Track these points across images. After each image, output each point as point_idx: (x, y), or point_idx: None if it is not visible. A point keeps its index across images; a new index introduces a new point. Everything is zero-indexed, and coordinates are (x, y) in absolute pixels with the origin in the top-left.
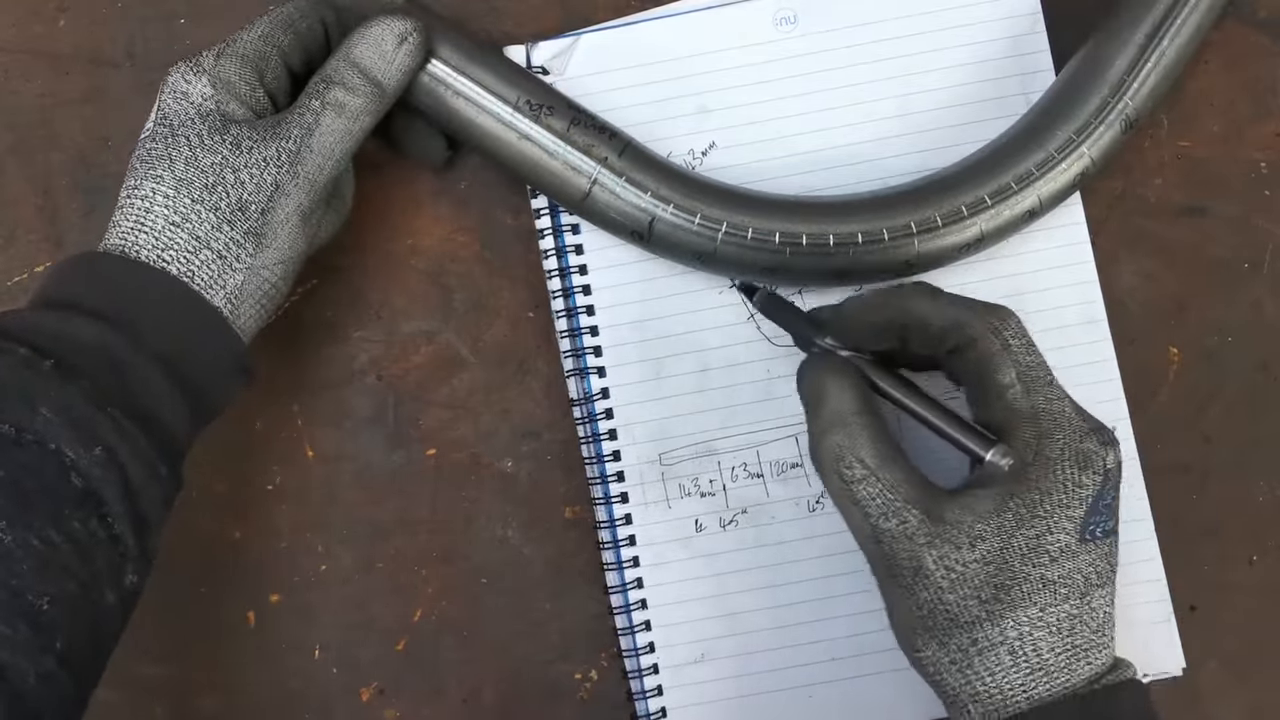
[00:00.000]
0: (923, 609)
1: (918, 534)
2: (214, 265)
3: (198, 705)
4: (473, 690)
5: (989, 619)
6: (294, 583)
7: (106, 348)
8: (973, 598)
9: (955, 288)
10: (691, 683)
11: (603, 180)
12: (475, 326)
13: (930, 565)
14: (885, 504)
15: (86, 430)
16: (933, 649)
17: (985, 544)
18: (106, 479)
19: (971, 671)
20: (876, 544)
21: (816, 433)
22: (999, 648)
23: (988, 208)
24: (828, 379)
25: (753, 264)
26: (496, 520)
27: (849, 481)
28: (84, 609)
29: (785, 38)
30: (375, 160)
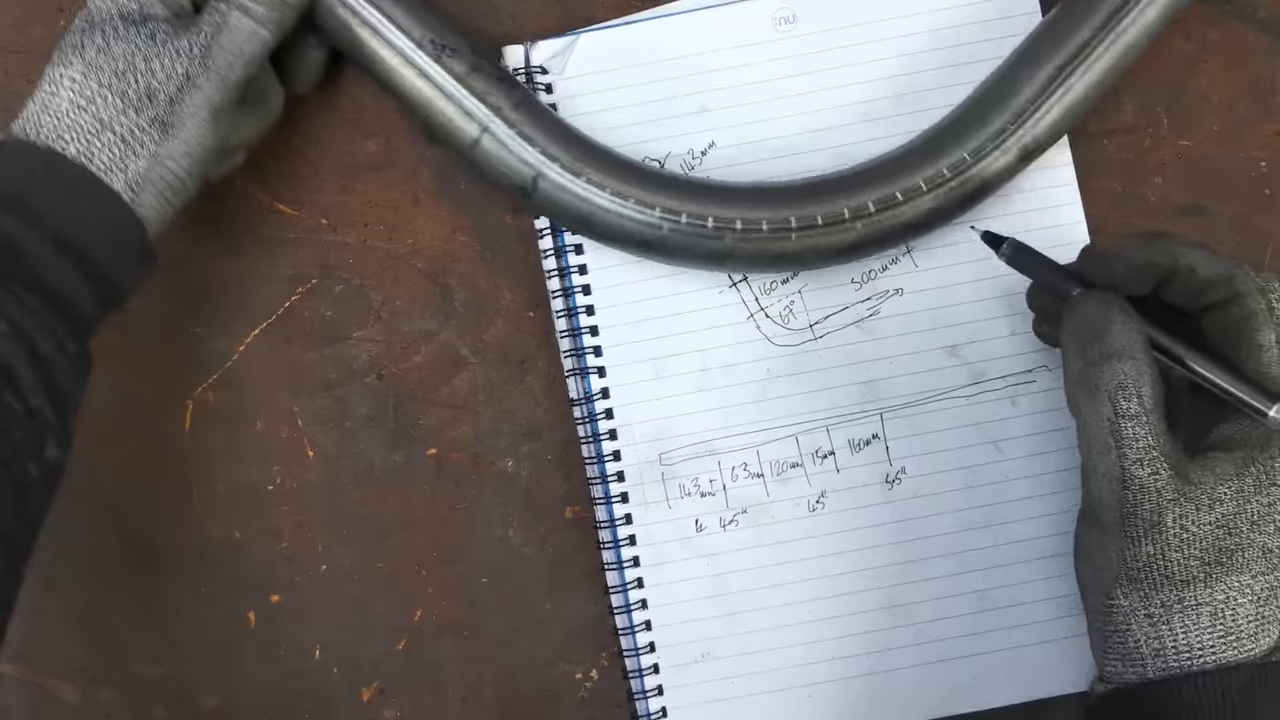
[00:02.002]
0: (1140, 561)
1: (1166, 489)
2: (116, 148)
3: (198, 705)
4: (473, 690)
5: (1204, 580)
6: (294, 583)
7: (4, 230)
8: (1195, 559)
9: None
10: (691, 683)
11: (494, 130)
12: (475, 326)
13: (1169, 522)
14: (1144, 450)
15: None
16: (1132, 600)
17: (1221, 507)
18: (15, 351)
19: (1165, 627)
20: (1120, 488)
21: (1096, 358)
22: (1202, 608)
23: (869, 215)
24: (1114, 312)
25: (632, 235)
26: (496, 520)
27: (1121, 415)
28: (7, 482)
29: (784, 37)
30: (376, 161)
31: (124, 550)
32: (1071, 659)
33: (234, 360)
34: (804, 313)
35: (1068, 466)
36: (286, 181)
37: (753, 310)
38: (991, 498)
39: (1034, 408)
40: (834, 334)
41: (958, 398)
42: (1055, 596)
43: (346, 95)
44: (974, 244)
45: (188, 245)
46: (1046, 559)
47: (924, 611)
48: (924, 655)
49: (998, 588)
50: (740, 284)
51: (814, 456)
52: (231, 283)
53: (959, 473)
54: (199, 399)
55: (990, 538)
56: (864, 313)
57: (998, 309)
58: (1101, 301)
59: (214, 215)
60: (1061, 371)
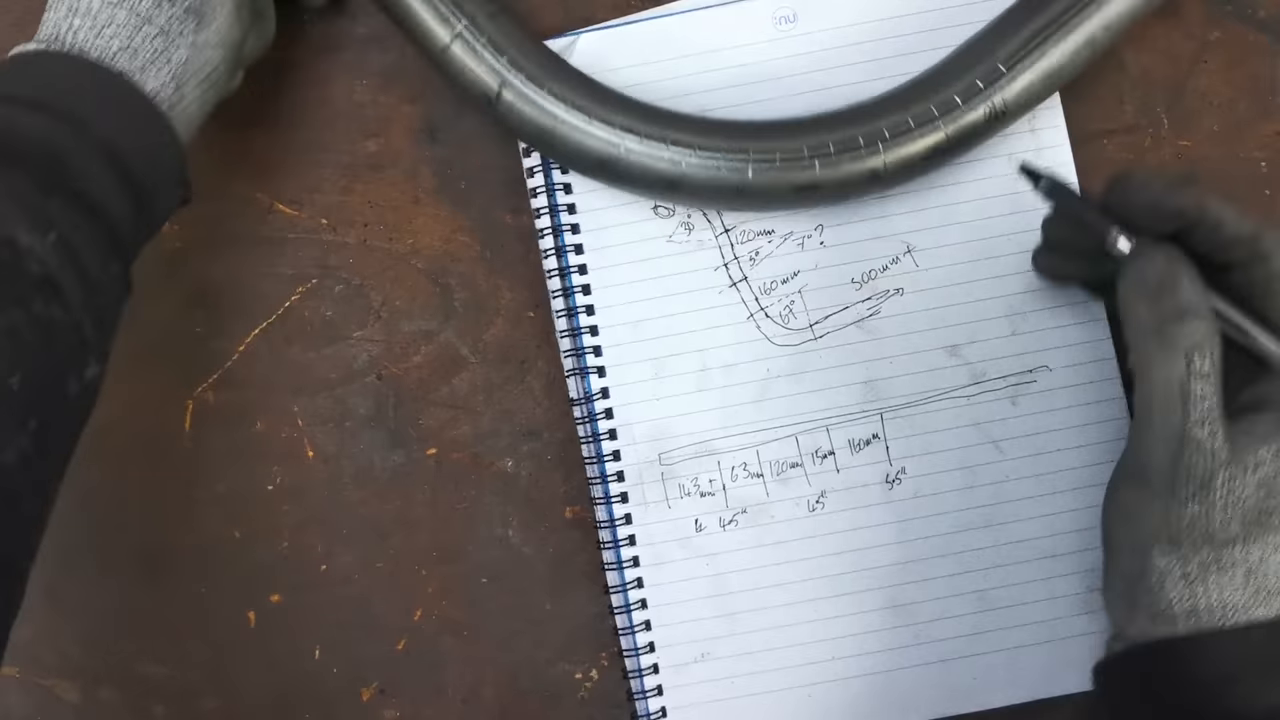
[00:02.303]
0: (1184, 522)
1: (1220, 451)
2: (158, 41)
3: (198, 705)
4: (473, 690)
5: (1243, 541)
6: (294, 583)
7: (49, 139)
8: (1237, 520)
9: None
10: (691, 683)
11: (466, 36)
12: (475, 326)
13: (1218, 484)
14: (1208, 411)
15: (39, 216)
16: (1170, 561)
17: (1264, 469)
18: (62, 264)
19: (1200, 586)
20: (1179, 448)
21: (1171, 314)
22: (1238, 568)
23: (829, 154)
24: (1183, 268)
25: (591, 153)
26: (496, 520)
27: (1194, 374)
28: (52, 393)
29: (785, 36)
30: (376, 161)
31: (124, 550)
32: (1071, 659)
33: (234, 360)
34: (804, 312)
35: (1068, 466)
36: (286, 181)
37: (753, 310)
38: (992, 498)
39: (1034, 408)
40: (834, 334)
41: (958, 398)
42: (1055, 596)
43: (346, 95)
44: (972, 244)
45: (188, 245)
46: (1047, 559)
47: (924, 611)
48: (924, 655)
49: (998, 588)
50: (740, 284)
51: (814, 456)
52: (231, 283)
53: (959, 473)
54: (199, 399)
55: (990, 538)
56: (864, 312)
57: (998, 309)
58: (1169, 257)
59: (214, 215)
60: (1063, 375)
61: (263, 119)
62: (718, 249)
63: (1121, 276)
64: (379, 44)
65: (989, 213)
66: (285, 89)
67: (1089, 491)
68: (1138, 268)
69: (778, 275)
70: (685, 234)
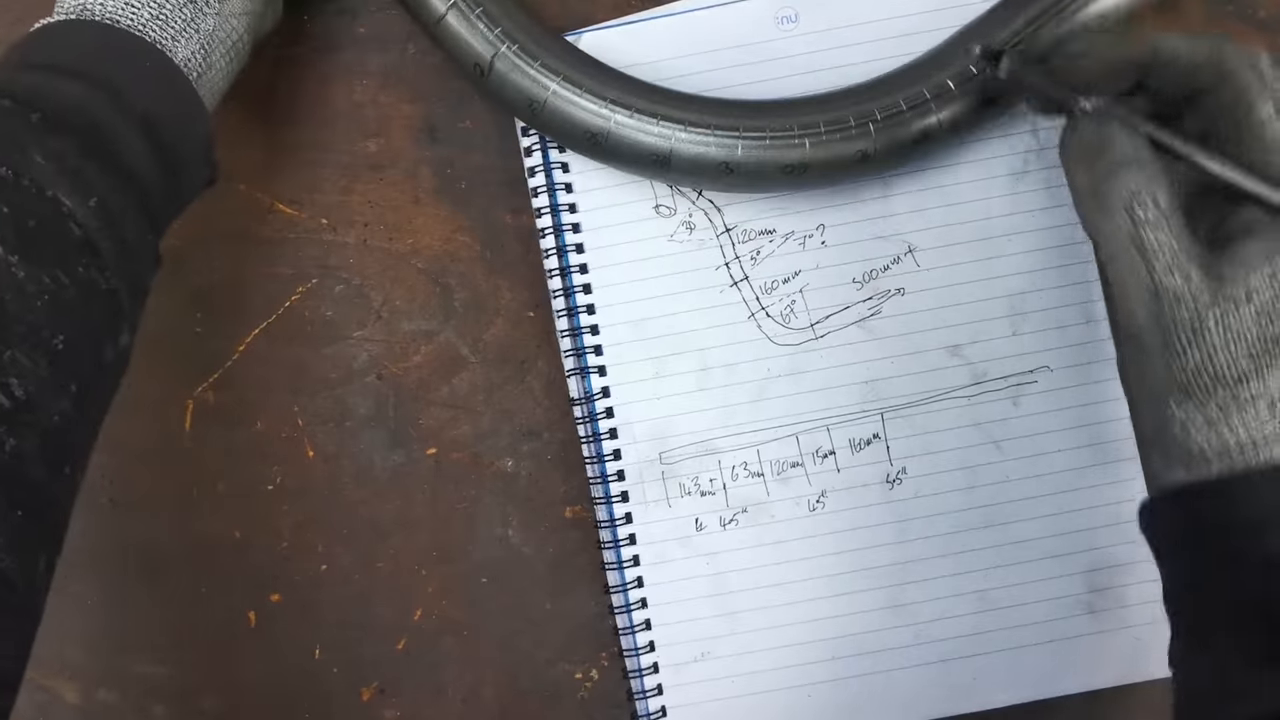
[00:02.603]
0: (1188, 370)
1: (1201, 292)
2: (187, 9)
3: (198, 705)
4: (473, 690)
5: (1255, 374)
6: (294, 583)
7: (90, 107)
8: (1244, 354)
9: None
10: (691, 682)
11: (460, 6)
12: (475, 326)
13: (1211, 325)
14: (1172, 255)
15: (81, 180)
16: (1187, 409)
17: (1259, 297)
18: (102, 230)
19: (1225, 427)
20: (1156, 303)
21: (1104, 173)
22: (1259, 401)
23: (819, 134)
24: (1114, 127)
25: (580, 128)
26: (496, 520)
27: (1140, 224)
28: (91, 357)
29: (786, 36)
30: (376, 161)
31: (124, 550)
32: (1071, 659)
33: (234, 360)
34: (805, 312)
35: (1068, 467)
36: (286, 181)
37: (753, 309)
38: (992, 498)
39: (1036, 408)
40: (835, 333)
41: (959, 398)
42: (1056, 596)
43: (346, 95)
44: (974, 244)
45: (188, 245)
46: (1047, 559)
47: (924, 611)
48: (924, 655)
49: (998, 588)
50: (741, 284)
51: (814, 456)
52: (231, 283)
53: (960, 473)
54: (199, 399)
55: (991, 538)
56: (865, 312)
57: (999, 309)
58: (1100, 119)
59: (214, 215)
60: (1064, 375)
61: (262, 118)
62: (718, 248)
63: (1060, 150)
64: (379, 44)
65: (991, 213)
66: (285, 89)
67: (1089, 491)
68: (1072, 136)
69: (779, 275)
70: (686, 233)
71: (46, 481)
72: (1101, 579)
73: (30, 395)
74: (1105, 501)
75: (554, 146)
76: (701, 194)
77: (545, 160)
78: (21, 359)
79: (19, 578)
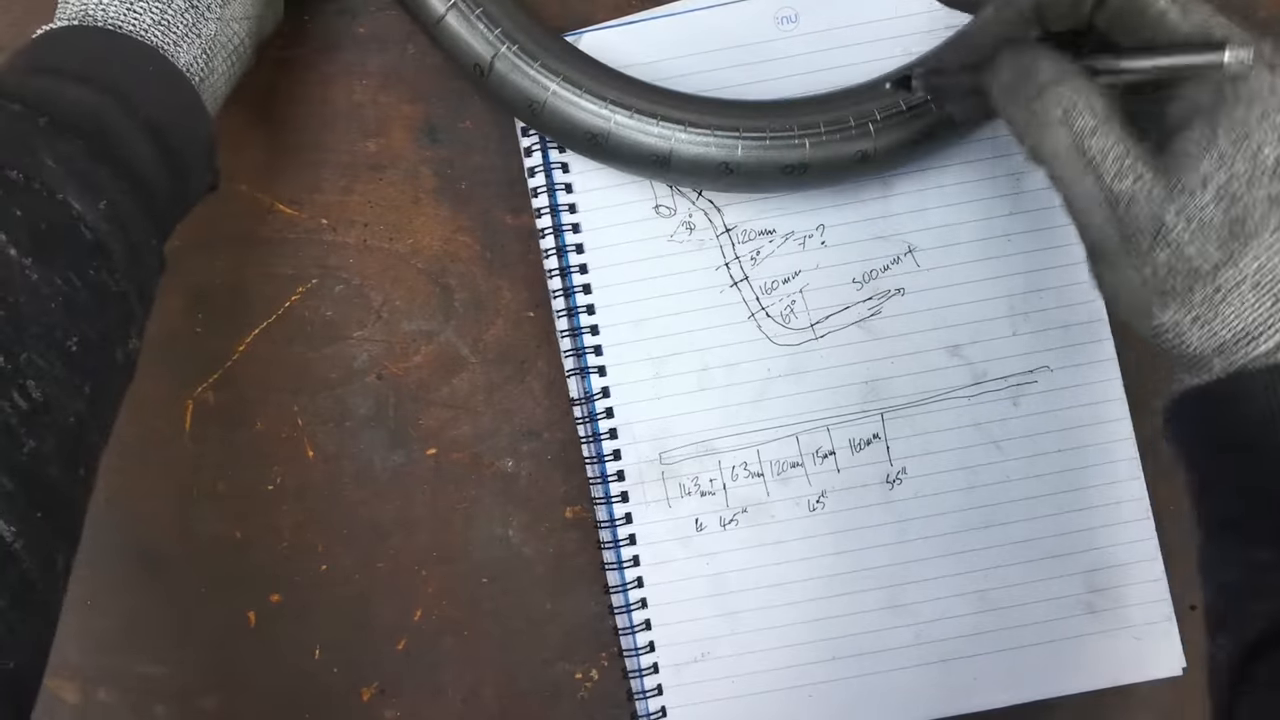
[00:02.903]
0: (1160, 271)
1: (1155, 189)
2: (188, 15)
3: (198, 705)
4: (473, 690)
5: (1229, 260)
6: (294, 583)
7: (97, 112)
8: (1212, 242)
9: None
10: (691, 683)
11: (460, 7)
12: (475, 326)
13: (1170, 219)
14: (1119, 158)
15: (91, 183)
16: (1173, 311)
17: (1213, 180)
18: (112, 234)
19: (1217, 321)
20: (1111, 210)
21: (1034, 93)
22: (1241, 286)
23: (819, 134)
24: (1033, 53)
25: (580, 128)
26: (496, 520)
27: (1080, 134)
28: (103, 358)
29: (786, 36)
30: (376, 161)
31: (124, 550)
32: (1072, 659)
33: (234, 360)
34: (805, 312)
35: (1068, 467)
36: (286, 181)
37: (753, 310)
38: (992, 498)
39: (1035, 408)
40: (835, 333)
41: (959, 398)
42: (1055, 597)
43: (346, 95)
44: (974, 244)
45: (188, 245)
46: (1047, 559)
47: (924, 611)
48: (924, 655)
49: (998, 588)
50: (741, 284)
51: (814, 456)
52: (231, 283)
53: (960, 473)
54: (199, 399)
55: (991, 538)
56: (865, 312)
57: (999, 309)
58: (1015, 49)
59: (214, 215)
60: (1063, 375)
61: (263, 119)
62: (719, 248)
63: (990, 95)
64: (379, 44)
65: (990, 213)
66: (285, 89)
67: (1089, 491)
68: (994, 76)
69: (779, 275)
70: (686, 233)
71: (63, 482)
72: (1101, 579)
73: (47, 396)
74: (1105, 501)
75: (554, 146)
76: (701, 194)
77: (545, 160)
78: (38, 360)
79: (39, 577)
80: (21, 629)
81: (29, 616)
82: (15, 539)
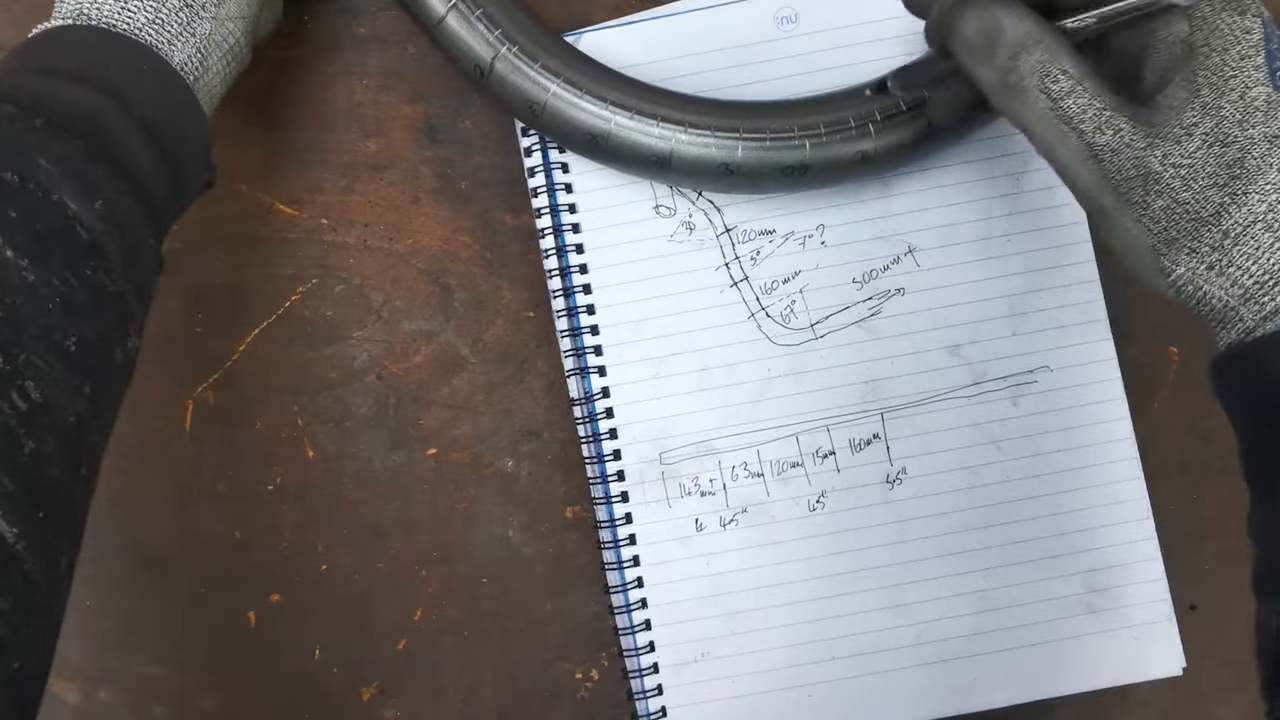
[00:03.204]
0: (1160, 220)
1: (1135, 139)
2: (183, 14)
3: (198, 705)
4: (473, 690)
5: (1233, 201)
6: (294, 583)
7: (93, 112)
8: (1210, 186)
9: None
10: (691, 683)
11: (461, 8)
12: (475, 326)
13: (1158, 167)
14: (1097, 115)
15: (87, 183)
16: (1185, 261)
17: (1200, 128)
18: (108, 234)
19: (1234, 268)
20: (1096, 164)
21: (1007, 59)
22: (1254, 227)
23: (819, 135)
24: (998, 10)
25: (580, 129)
26: (496, 520)
27: (1057, 97)
28: (102, 358)
29: (786, 36)
30: (376, 161)
31: (124, 550)
32: (1071, 659)
33: (234, 360)
34: (805, 312)
35: (1068, 466)
36: (286, 181)
37: (753, 310)
38: (992, 498)
39: (1035, 408)
40: (835, 333)
41: (959, 398)
42: (1055, 597)
43: (347, 95)
44: (974, 244)
45: (188, 245)
46: (1047, 559)
47: (924, 611)
48: (924, 655)
49: (998, 588)
50: (741, 284)
51: (814, 456)
52: (232, 283)
53: (960, 473)
54: (199, 399)
55: (990, 538)
56: (865, 312)
57: (999, 309)
58: (977, 9)
59: (214, 215)
60: (1063, 375)
61: (263, 119)
62: (719, 248)
63: (955, 53)
64: (379, 44)
65: (990, 213)
66: (285, 89)
67: (1089, 491)
68: (959, 36)
69: (779, 275)
70: (686, 233)
71: (65, 482)
72: (1101, 579)
73: (47, 397)
74: (1105, 501)
75: (554, 147)
76: (701, 194)
77: (545, 160)
78: (37, 361)
79: (42, 578)
80: (25, 630)
81: (33, 618)
82: (17, 540)
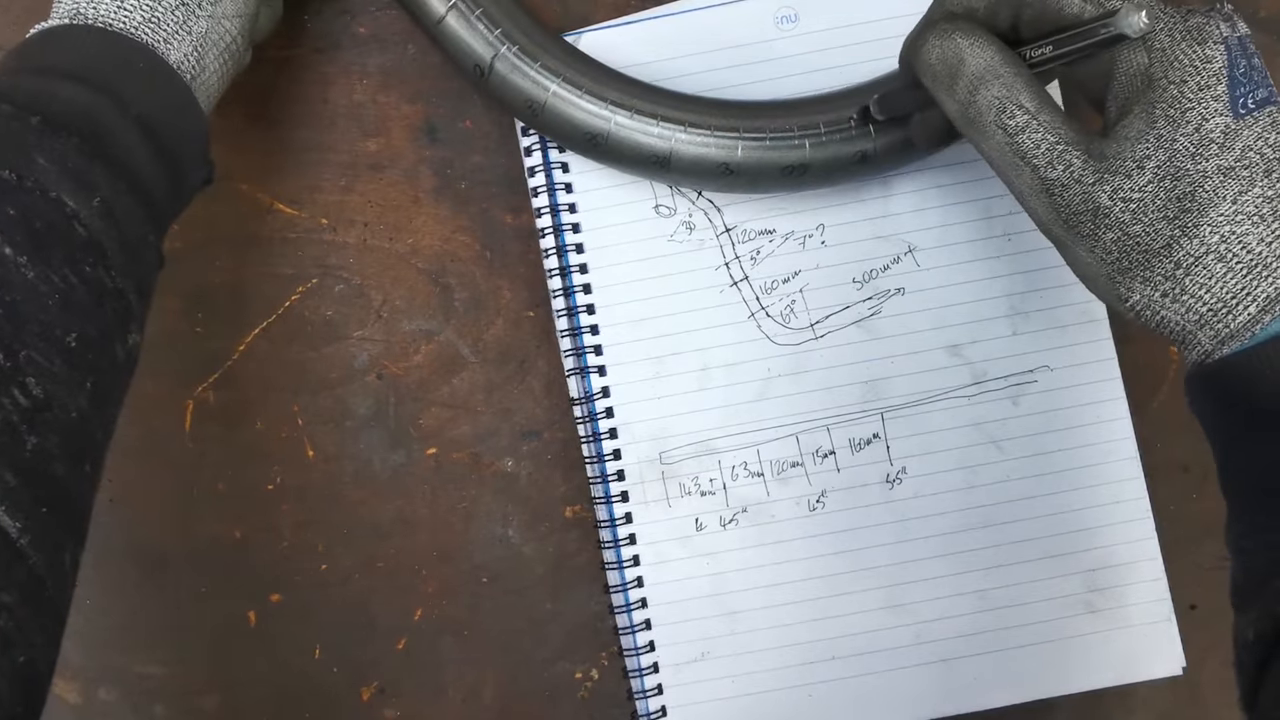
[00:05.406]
0: (1112, 252)
1: (1085, 174)
2: (179, 12)
3: (198, 705)
4: (473, 690)
5: (1184, 234)
6: (294, 583)
7: (90, 110)
8: (1160, 219)
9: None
10: (691, 682)
11: (460, 7)
12: (475, 326)
13: (1107, 202)
14: (1050, 149)
15: (84, 181)
16: (1140, 289)
17: (1151, 161)
18: (107, 231)
19: (1188, 295)
20: (1049, 198)
21: (966, 93)
22: (1206, 258)
23: (819, 134)
24: (960, 40)
25: (579, 129)
26: (496, 520)
27: (1013, 133)
28: (103, 354)
29: (786, 36)
30: (376, 161)
31: (124, 550)
32: (1071, 659)
33: (234, 360)
34: (805, 312)
35: (1068, 466)
36: (286, 181)
37: (753, 309)
38: (992, 498)
39: (1035, 408)
40: (835, 333)
41: (959, 397)
42: (1055, 596)
43: (347, 95)
44: (975, 244)
45: (187, 245)
46: (1046, 559)
47: (924, 611)
48: (924, 655)
49: (998, 588)
50: (741, 284)
51: (814, 456)
52: (231, 283)
53: (960, 473)
54: (199, 399)
55: (990, 537)
56: (865, 312)
57: (999, 309)
58: (944, 35)
59: (214, 215)
60: (1063, 375)
61: (263, 119)
62: (719, 248)
63: (919, 76)
64: (379, 44)
65: (990, 213)
66: (285, 88)
67: (1089, 491)
68: (923, 63)
69: (778, 274)
70: (686, 233)
71: (68, 478)
72: (1101, 579)
73: (48, 394)
74: (1105, 501)
75: (554, 146)
76: (701, 194)
77: (545, 160)
78: (37, 358)
79: (47, 574)
80: (31, 625)
81: (38, 612)
82: (21, 535)
